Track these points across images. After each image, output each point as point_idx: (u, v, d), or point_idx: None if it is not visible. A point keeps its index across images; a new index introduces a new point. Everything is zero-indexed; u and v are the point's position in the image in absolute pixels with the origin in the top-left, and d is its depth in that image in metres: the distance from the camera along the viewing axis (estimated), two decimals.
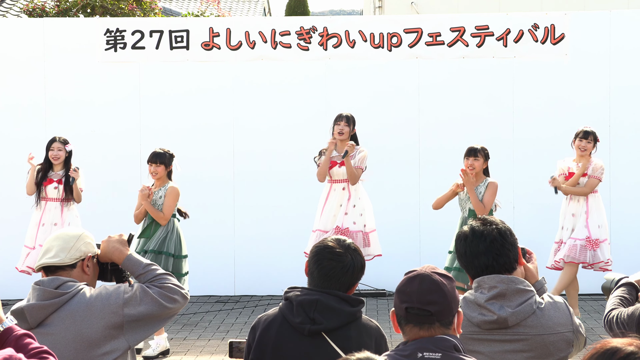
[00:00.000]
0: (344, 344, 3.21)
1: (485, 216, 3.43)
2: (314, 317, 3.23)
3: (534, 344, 3.28)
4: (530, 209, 9.86)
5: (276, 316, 3.32)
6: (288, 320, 3.27)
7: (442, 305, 2.71)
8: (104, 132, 10.14)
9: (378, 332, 3.33)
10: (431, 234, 9.97)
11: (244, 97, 10.21)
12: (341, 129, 8.27)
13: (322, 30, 10.09)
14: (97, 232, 3.77)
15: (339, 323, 3.24)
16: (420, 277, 2.75)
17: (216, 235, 10.06)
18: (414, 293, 2.71)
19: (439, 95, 10.13)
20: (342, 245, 3.34)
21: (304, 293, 3.28)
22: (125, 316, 3.31)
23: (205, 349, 7.82)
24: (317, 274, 3.31)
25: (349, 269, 3.30)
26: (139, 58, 10.14)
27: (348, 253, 3.32)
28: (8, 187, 9.98)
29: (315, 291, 3.28)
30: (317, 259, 3.32)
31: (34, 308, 3.28)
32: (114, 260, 3.49)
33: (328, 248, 3.33)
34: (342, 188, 8.34)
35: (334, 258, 3.30)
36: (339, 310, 3.25)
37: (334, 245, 3.34)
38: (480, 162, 7.83)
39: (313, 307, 3.24)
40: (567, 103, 10.04)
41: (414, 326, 2.72)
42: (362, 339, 3.26)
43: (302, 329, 3.23)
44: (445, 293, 2.73)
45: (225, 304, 9.80)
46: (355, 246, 3.37)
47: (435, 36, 10.03)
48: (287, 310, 3.29)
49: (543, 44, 9.99)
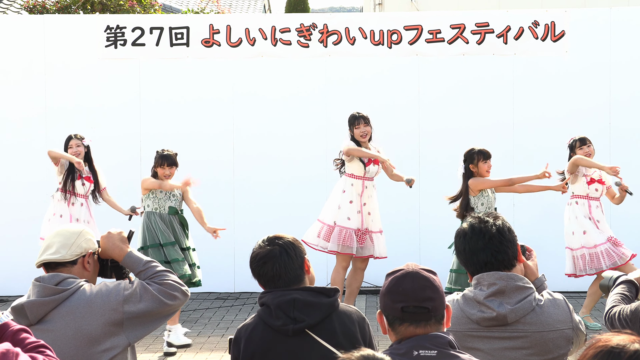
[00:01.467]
0: (330, 336, 3.22)
1: (483, 214, 3.43)
2: (295, 315, 3.23)
3: (534, 341, 3.28)
4: (530, 206, 9.86)
5: (256, 323, 3.31)
6: (269, 324, 3.26)
7: (437, 301, 2.72)
8: (104, 129, 10.13)
9: (358, 316, 3.34)
10: (431, 231, 9.98)
11: (244, 94, 10.21)
12: (362, 131, 8.15)
13: (322, 27, 10.08)
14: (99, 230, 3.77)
15: (321, 316, 3.25)
16: (410, 275, 2.74)
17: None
18: (408, 292, 2.71)
19: (439, 92, 10.13)
20: (264, 243, 3.38)
21: (279, 294, 3.28)
22: (125, 313, 3.31)
23: (205, 345, 7.83)
24: (269, 279, 3.32)
25: (282, 256, 3.32)
26: (139, 55, 10.14)
27: (272, 244, 3.36)
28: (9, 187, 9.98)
29: (289, 290, 3.29)
30: (258, 270, 3.35)
31: (34, 304, 3.28)
32: (114, 258, 3.49)
33: (257, 255, 3.36)
34: (373, 186, 8.25)
35: (266, 259, 3.33)
36: (317, 304, 3.25)
37: (258, 249, 3.37)
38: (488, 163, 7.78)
39: (291, 306, 3.24)
40: (568, 100, 10.04)
41: (410, 325, 2.71)
42: (346, 326, 3.27)
43: (286, 330, 3.23)
44: (437, 287, 2.74)
45: (225, 301, 9.81)
46: (277, 235, 3.41)
47: (435, 33, 10.03)
48: (266, 315, 3.28)
49: (543, 41, 9.99)
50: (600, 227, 8.19)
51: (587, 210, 8.19)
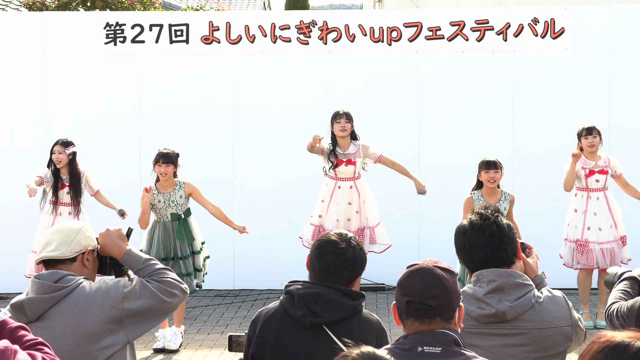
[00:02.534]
0: (345, 338, 3.22)
1: (483, 211, 3.43)
2: (315, 310, 3.24)
3: (533, 338, 3.28)
4: (530, 203, 9.85)
5: (277, 310, 3.33)
6: (289, 313, 3.28)
7: (443, 300, 2.71)
8: (103, 126, 10.13)
9: (379, 326, 3.35)
10: (431, 228, 9.98)
11: (243, 91, 10.21)
12: (342, 126, 8.25)
13: (322, 24, 10.07)
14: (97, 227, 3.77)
15: (340, 316, 3.25)
16: (421, 271, 2.75)
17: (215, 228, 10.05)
18: (415, 287, 2.71)
19: (439, 89, 10.13)
20: (344, 240, 3.36)
21: (305, 286, 3.29)
22: (125, 310, 3.31)
23: (205, 342, 7.83)
24: (318, 267, 3.32)
25: (350, 263, 3.31)
26: (139, 52, 10.13)
27: (350, 247, 3.34)
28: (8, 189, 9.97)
29: (317, 284, 3.29)
30: (319, 252, 3.33)
31: (33, 301, 3.28)
32: (113, 255, 3.49)
33: (331, 242, 3.33)
34: (350, 187, 8.31)
35: (335, 252, 3.31)
36: (340, 304, 3.26)
37: (337, 239, 3.35)
38: (500, 174, 7.80)
39: (314, 300, 3.25)
40: (567, 97, 10.04)
41: (415, 320, 2.72)
42: (363, 332, 3.27)
43: (304, 322, 3.25)
44: (446, 287, 2.72)
45: (225, 298, 9.81)
46: (356, 241, 3.39)
47: (435, 30, 10.02)
48: (288, 304, 3.29)
49: (543, 38, 9.98)
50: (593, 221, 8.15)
51: (584, 204, 8.19)
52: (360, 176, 8.37)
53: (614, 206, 8.24)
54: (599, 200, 8.18)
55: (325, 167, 8.41)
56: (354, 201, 8.29)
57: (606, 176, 8.21)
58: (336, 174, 8.30)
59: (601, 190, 8.20)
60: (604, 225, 8.14)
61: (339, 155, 8.31)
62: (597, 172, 8.20)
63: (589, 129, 8.21)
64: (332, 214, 8.29)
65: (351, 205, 8.29)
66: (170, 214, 7.66)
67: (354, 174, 8.28)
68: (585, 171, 8.19)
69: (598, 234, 8.13)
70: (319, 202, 8.45)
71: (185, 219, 7.71)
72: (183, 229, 7.66)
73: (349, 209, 8.31)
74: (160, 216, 7.69)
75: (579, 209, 8.22)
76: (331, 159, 8.27)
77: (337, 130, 8.26)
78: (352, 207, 8.29)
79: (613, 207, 8.22)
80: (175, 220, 7.66)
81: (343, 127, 8.22)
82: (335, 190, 8.32)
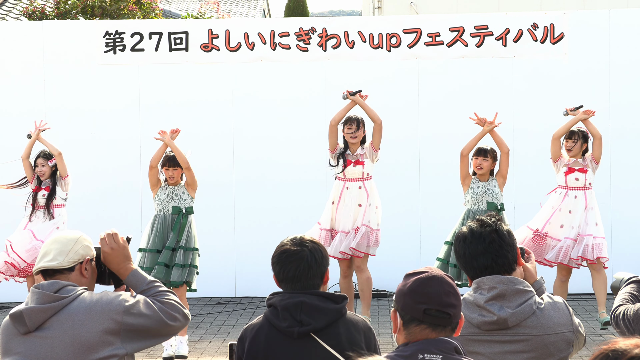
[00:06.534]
0: (334, 342, 3.23)
1: (484, 217, 3.42)
2: (301, 318, 3.24)
3: (534, 344, 3.27)
4: (530, 208, 9.82)
5: (262, 324, 3.32)
6: (275, 326, 3.27)
7: (458, 309, 2.73)
8: (103, 135, 10.14)
9: (365, 326, 3.35)
10: (432, 233, 9.96)
11: (243, 98, 10.21)
12: (353, 134, 8.23)
13: (322, 31, 10.08)
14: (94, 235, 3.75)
15: (327, 322, 3.25)
16: (436, 279, 2.74)
17: (217, 236, 10.06)
18: (434, 295, 2.70)
19: (439, 95, 10.13)
20: (296, 243, 3.37)
21: (287, 297, 3.28)
22: (124, 324, 3.29)
23: (207, 350, 7.82)
24: (287, 278, 3.33)
25: (311, 261, 3.32)
26: (138, 60, 10.14)
27: (304, 247, 3.35)
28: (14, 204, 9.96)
29: (298, 293, 3.29)
30: (280, 265, 3.35)
31: (33, 311, 3.27)
32: (118, 275, 3.45)
33: (285, 251, 3.35)
34: (359, 187, 8.27)
35: (293, 258, 3.32)
36: (324, 309, 3.26)
37: (289, 245, 3.36)
38: (489, 162, 8.05)
39: (299, 309, 3.25)
40: (567, 102, 10.01)
41: (427, 327, 2.70)
42: (352, 334, 3.28)
43: (291, 332, 3.23)
44: (459, 295, 2.75)
45: (226, 306, 9.79)
46: (310, 238, 3.40)
47: (434, 36, 10.03)
48: (273, 316, 3.28)
49: (542, 43, 9.98)
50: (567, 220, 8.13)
51: (559, 200, 8.18)
52: (370, 177, 8.33)
53: (591, 205, 8.18)
54: (576, 199, 8.16)
55: (330, 161, 8.33)
56: (363, 202, 8.23)
57: (585, 175, 8.19)
58: (345, 174, 8.27)
59: (581, 189, 8.18)
60: (576, 224, 8.12)
61: (348, 156, 8.29)
62: (577, 170, 8.19)
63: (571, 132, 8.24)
64: (340, 215, 8.22)
65: (360, 207, 8.23)
66: (172, 206, 7.76)
67: (362, 174, 8.26)
68: (565, 168, 8.20)
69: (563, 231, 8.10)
70: (329, 205, 8.35)
71: (186, 215, 7.73)
72: (180, 223, 7.69)
73: (357, 211, 8.24)
74: (162, 208, 7.76)
75: (555, 205, 8.23)
76: (340, 160, 8.24)
77: (348, 137, 8.25)
78: (361, 208, 8.24)
79: (590, 207, 8.17)
80: (176, 213, 7.74)
81: (354, 135, 8.21)
82: (343, 191, 8.27)
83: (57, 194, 8.46)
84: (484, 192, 8.08)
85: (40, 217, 8.43)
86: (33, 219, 8.44)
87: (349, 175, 8.26)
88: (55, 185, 8.46)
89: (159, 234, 7.70)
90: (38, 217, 8.44)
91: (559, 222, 8.16)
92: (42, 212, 8.44)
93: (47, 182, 8.48)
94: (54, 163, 8.45)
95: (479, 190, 8.09)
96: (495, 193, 8.10)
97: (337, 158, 8.27)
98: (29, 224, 8.45)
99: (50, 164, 8.45)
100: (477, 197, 8.09)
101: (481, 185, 8.10)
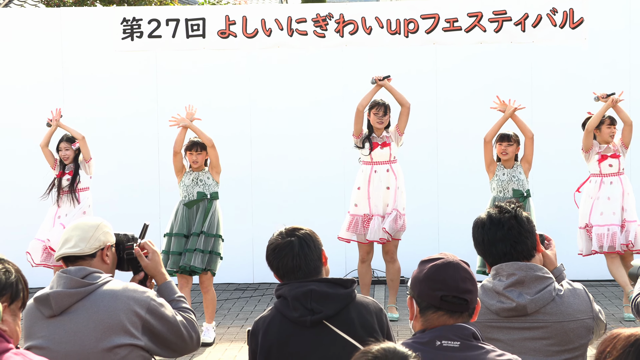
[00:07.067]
0: (347, 327, 3.22)
1: (503, 204, 3.40)
2: (312, 307, 3.23)
3: (554, 331, 3.25)
4: (548, 195, 9.80)
5: (274, 315, 3.31)
6: (287, 316, 3.26)
7: (474, 294, 2.74)
8: (121, 121, 10.16)
9: (376, 307, 3.34)
10: (449, 219, 9.94)
11: (260, 84, 10.20)
12: (380, 119, 8.20)
13: (339, 17, 10.05)
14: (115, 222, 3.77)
15: (338, 307, 3.24)
16: (452, 265, 2.74)
17: (234, 222, 10.07)
18: (451, 281, 2.70)
19: (457, 81, 10.08)
20: (283, 235, 3.38)
21: (296, 286, 3.27)
22: (145, 321, 3.32)
23: (225, 336, 7.85)
24: (284, 272, 3.32)
25: (303, 248, 3.32)
26: (156, 47, 10.15)
27: (291, 236, 3.35)
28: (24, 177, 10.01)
29: (307, 281, 3.28)
30: (276, 262, 3.35)
31: (60, 295, 3.29)
32: (155, 280, 3.57)
33: (275, 247, 3.35)
34: (387, 170, 8.24)
35: (285, 251, 3.32)
36: (334, 295, 3.25)
37: (278, 240, 3.37)
38: (514, 147, 8.03)
39: (308, 298, 3.24)
40: (586, 88, 9.95)
41: (444, 314, 2.70)
42: (364, 317, 3.27)
43: (303, 321, 3.23)
44: (475, 281, 2.76)
45: (244, 292, 9.82)
46: (295, 226, 3.40)
47: (452, 22, 9.97)
48: (284, 307, 3.27)
49: (562, 28, 9.91)
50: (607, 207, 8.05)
51: (597, 189, 8.12)
52: (396, 160, 8.30)
53: (628, 191, 8.14)
54: (612, 185, 8.11)
55: (356, 143, 8.27)
56: (392, 185, 8.20)
57: (619, 160, 8.14)
58: (372, 158, 8.23)
59: (615, 174, 8.13)
60: (617, 209, 8.06)
61: (374, 138, 8.26)
62: (609, 157, 8.14)
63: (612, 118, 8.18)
64: (374, 199, 8.17)
65: (389, 190, 8.19)
66: (196, 192, 7.71)
67: (389, 156, 8.24)
68: (598, 156, 8.14)
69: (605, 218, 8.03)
70: (355, 191, 8.29)
71: (211, 200, 7.72)
72: (205, 209, 7.67)
73: (387, 194, 8.20)
74: (187, 194, 7.73)
75: (593, 195, 8.16)
76: (366, 144, 8.20)
77: (374, 122, 8.23)
78: (390, 191, 8.20)
79: (627, 192, 8.12)
80: (201, 198, 7.69)
81: (381, 120, 8.20)
82: (372, 175, 8.23)
83: (82, 177, 8.49)
84: (509, 179, 8.01)
85: (67, 202, 8.46)
86: (60, 204, 8.46)
87: (376, 159, 8.23)
88: (77, 169, 8.48)
89: (185, 219, 7.69)
90: (64, 201, 8.46)
91: (599, 210, 8.08)
92: (67, 197, 8.46)
93: (71, 166, 8.51)
94: (77, 146, 8.47)
95: (504, 177, 8.03)
96: (520, 180, 8.03)
97: (363, 142, 8.24)
98: (58, 210, 8.46)
99: (73, 147, 8.47)
100: (502, 185, 8.02)
101: (506, 173, 8.03)
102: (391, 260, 8.27)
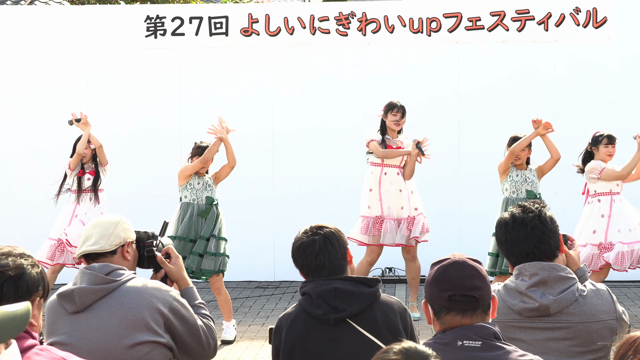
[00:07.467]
0: (371, 326, 3.22)
1: (527, 203, 3.38)
2: (336, 305, 3.23)
3: (577, 332, 3.23)
4: (572, 194, 9.74)
5: (298, 313, 3.32)
6: (310, 313, 3.26)
7: (484, 290, 2.70)
8: (144, 118, 10.20)
9: (400, 307, 3.34)
10: (471, 221, 9.91)
11: (283, 82, 10.21)
12: (398, 121, 8.18)
13: (361, 15, 10.04)
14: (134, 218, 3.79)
15: (362, 306, 3.24)
16: (457, 264, 2.73)
17: (256, 220, 10.10)
18: (456, 280, 2.69)
19: (479, 80, 10.05)
20: (308, 233, 3.38)
21: (320, 284, 3.28)
22: (167, 319, 3.34)
23: (246, 334, 7.86)
24: (309, 270, 3.33)
25: (328, 246, 3.32)
26: (179, 45, 10.19)
27: (317, 235, 3.35)
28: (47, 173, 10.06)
29: (331, 279, 3.29)
30: (300, 259, 3.36)
31: (84, 291, 3.31)
32: (178, 285, 3.60)
33: (300, 245, 3.36)
34: (397, 173, 8.22)
35: (310, 249, 3.33)
36: (358, 294, 3.25)
37: (303, 238, 3.37)
38: (526, 151, 7.93)
39: (333, 296, 3.24)
40: (610, 87, 9.90)
41: (457, 314, 2.69)
42: (388, 317, 3.26)
43: (327, 319, 3.23)
44: (484, 277, 2.73)
45: (265, 290, 9.83)
46: (321, 224, 3.41)
47: (475, 21, 9.94)
48: (308, 304, 3.28)
49: (585, 27, 9.85)
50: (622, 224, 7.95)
51: (608, 207, 8.01)
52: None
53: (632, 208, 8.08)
54: (622, 202, 8.04)
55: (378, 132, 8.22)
56: (403, 188, 8.20)
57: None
58: (382, 160, 8.21)
59: (619, 193, 8.06)
60: (633, 226, 7.97)
61: (388, 140, 8.24)
62: None
63: (610, 137, 8.03)
64: (387, 202, 8.16)
65: (402, 193, 8.19)
66: (205, 197, 7.73)
67: (401, 161, 8.23)
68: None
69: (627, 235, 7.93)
70: (366, 193, 8.27)
71: (217, 205, 7.75)
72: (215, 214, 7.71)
73: (399, 197, 8.18)
74: (196, 197, 7.73)
75: (605, 213, 8.03)
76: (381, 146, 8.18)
77: (391, 124, 8.19)
78: (403, 194, 8.19)
79: (632, 209, 8.06)
80: (210, 203, 7.72)
81: (398, 122, 8.18)
82: (382, 177, 8.22)
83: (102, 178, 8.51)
84: (523, 180, 7.99)
85: (87, 202, 8.46)
86: (80, 202, 8.46)
87: (387, 161, 8.22)
88: (98, 169, 8.50)
89: (194, 223, 7.69)
90: (84, 200, 8.46)
91: (616, 228, 8.00)
92: (88, 196, 8.47)
93: (90, 165, 8.52)
94: (94, 147, 8.49)
95: (518, 178, 8.00)
96: (534, 182, 8.02)
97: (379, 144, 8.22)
98: (77, 208, 8.46)
99: (91, 147, 8.49)
100: (516, 186, 8.01)
101: (520, 174, 8.01)
102: (412, 258, 8.26)
